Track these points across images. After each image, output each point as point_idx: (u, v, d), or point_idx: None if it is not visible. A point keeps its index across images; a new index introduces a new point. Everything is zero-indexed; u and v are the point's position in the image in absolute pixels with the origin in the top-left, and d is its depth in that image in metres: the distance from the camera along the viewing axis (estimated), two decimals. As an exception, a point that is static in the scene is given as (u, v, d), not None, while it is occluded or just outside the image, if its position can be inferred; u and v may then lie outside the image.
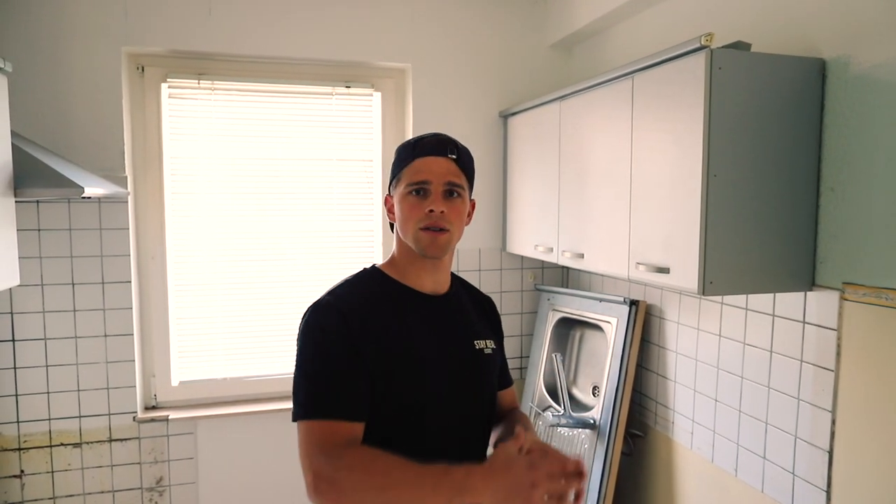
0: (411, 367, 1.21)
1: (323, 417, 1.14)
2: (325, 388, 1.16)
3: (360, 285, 1.29)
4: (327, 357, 1.18)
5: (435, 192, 1.22)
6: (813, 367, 1.62)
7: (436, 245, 1.23)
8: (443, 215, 1.22)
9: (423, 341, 1.24)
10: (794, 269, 1.59)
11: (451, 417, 1.25)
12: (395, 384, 1.19)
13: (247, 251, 2.70)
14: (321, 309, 1.23)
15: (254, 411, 2.65)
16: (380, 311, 1.23)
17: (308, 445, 1.12)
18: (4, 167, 1.73)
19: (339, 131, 2.74)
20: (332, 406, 1.14)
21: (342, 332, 1.18)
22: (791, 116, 1.55)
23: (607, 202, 1.95)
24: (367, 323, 1.20)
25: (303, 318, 1.25)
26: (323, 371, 1.17)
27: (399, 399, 1.20)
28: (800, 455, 1.67)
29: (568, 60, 2.87)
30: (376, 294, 1.26)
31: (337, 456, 1.09)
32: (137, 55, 2.51)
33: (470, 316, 1.36)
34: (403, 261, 1.30)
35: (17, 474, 2.42)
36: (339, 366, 1.16)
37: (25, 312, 2.38)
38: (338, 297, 1.25)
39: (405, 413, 1.21)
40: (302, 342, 1.23)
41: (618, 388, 2.29)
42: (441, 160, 1.24)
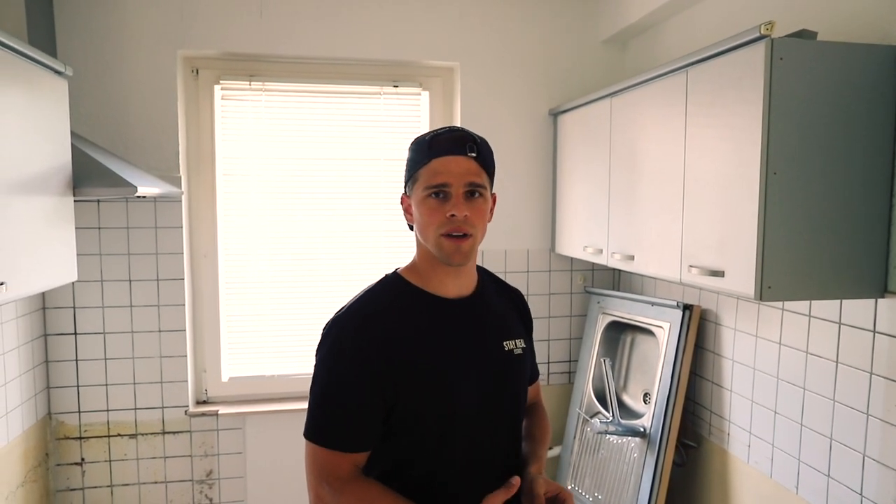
0: (430, 378, 1.16)
1: (326, 446, 1.15)
2: (331, 418, 1.16)
3: (380, 296, 1.23)
4: (337, 382, 1.15)
5: (456, 195, 1.15)
6: (884, 381, 1.50)
7: (460, 253, 1.17)
8: (466, 219, 1.15)
9: (447, 354, 1.19)
10: (863, 275, 1.47)
11: (479, 428, 1.21)
12: (417, 402, 1.16)
13: (296, 250, 2.73)
14: (338, 326, 1.19)
15: (301, 409, 2.65)
16: (400, 325, 1.18)
17: (312, 468, 1.17)
18: (64, 168, 1.80)
19: (387, 131, 2.74)
20: (336, 438, 1.15)
21: (356, 355, 1.14)
22: (862, 110, 1.44)
23: (659, 202, 1.87)
24: (385, 342, 1.15)
25: (323, 331, 1.21)
26: (332, 399, 1.16)
27: (423, 414, 1.17)
28: (868, 475, 1.55)
29: (621, 56, 2.78)
30: (396, 305, 1.21)
31: (339, 490, 1.14)
32: (192, 58, 2.58)
33: (498, 315, 1.31)
34: (424, 265, 1.24)
35: (79, 462, 2.52)
36: (348, 394, 1.14)
37: (86, 307, 2.47)
38: (355, 312, 1.20)
39: (431, 427, 1.17)
40: (318, 360, 1.20)
41: (670, 395, 2.20)
42: (460, 159, 1.16)
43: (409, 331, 1.17)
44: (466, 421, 1.19)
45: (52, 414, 2.49)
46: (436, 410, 1.17)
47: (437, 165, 1.16)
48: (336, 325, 1.19)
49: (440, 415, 1.17)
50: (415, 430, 1.17)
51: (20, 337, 2.26)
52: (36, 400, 2.37)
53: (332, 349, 1.17)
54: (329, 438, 1.15)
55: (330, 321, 1.21)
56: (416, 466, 1.19)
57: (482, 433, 1.21)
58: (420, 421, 1.17)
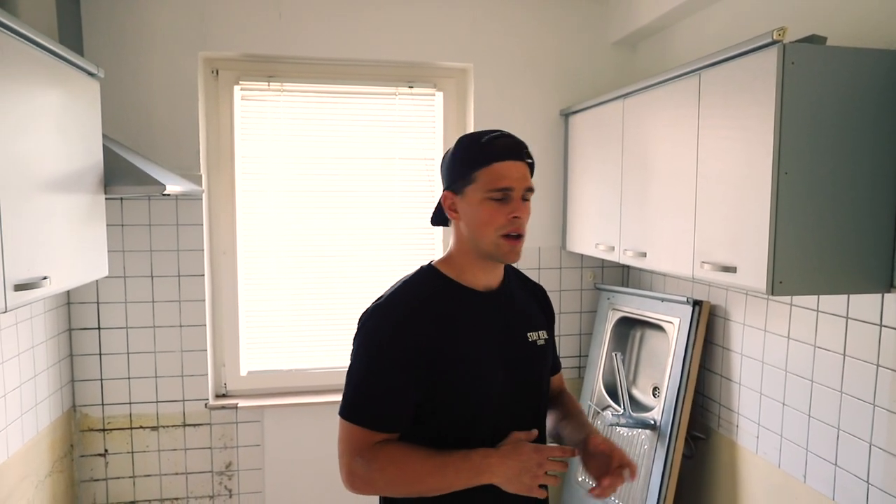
0: (462, 368, 1.23)
1: (362, 425, 1.22)
2: (368, 399, 1.23)
3: (415, 287, 1.30)
4: (376, 369, 1.23)
5: (516, 199, 1.23)
6: (891, 372, 1.56)
7: (515, 252, 1.25)
8: (522, 221, 1.24)
9: (478, 343, 1.26)
10: (870, 270, 1.53)
11: (505, 415, 1.28)
12: (450, 389, 1.22)
13: (312, 247, 2.79)
14: (377, 316, 1.26)
15: (317, 402, 2.74)
16: (435, 315, 1.24)
17: (346, 444, 1.23)
18: (96, 167, 1.86)
19: (401, 130, 2.80)
20: (372, 418, 1.22)
21: (395, 343, 1.22)
22: (870, 112, 1.50)
23: (671, 200, 1.93)
24: (422, 331, 1.22)
25: (361, 318, 1.29)
26: (370, 382, 1.23)
27: (455, 401, 1.23)
28: (875, 463, 1.61)
29: (631, 58, 2.84)
30: (432, 296, 1.27)
31: (371, 458, 1.21)
32: (212, 59, 2.64)
33: (521, 307, 1.38)
34: (463, 260, 1.30)
35: (102, 453, 2.58)
36: (385, 380, 1.22)
37: (109, 302, 2.54)
38: (393, 301, 1.27)
39: (462, 413, 1.24)
40: (356, 346, 1.27)
41: (679, 389, 2.26)
42: (520, 165, 1.24)
43: (444, 320, 1.24)
44: (494, 408, 1.25)
45: (76, 406, 2.55)
46: (467, 398, 1.23)
47: (500, 170, 1.21)
48: (376, 313, 1.26)
49: (471, 402, 1.23)
50: (446, 416, 1.24)
51: (47, 331, 2.32)
52: (62, 392, 2.43)
53: (371, 336, 1.25)
54: (365, 418, 1.22)
55: (369, 309, 1.28)
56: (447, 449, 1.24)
57: (508, 420, 1.28)
58: (452, 408, 1.23)
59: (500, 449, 1.20)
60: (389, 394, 1.22)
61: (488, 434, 1.25)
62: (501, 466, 1.18)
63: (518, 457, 1.18)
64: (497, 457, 1.18)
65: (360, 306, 2.98)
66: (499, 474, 1.18)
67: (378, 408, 1.23)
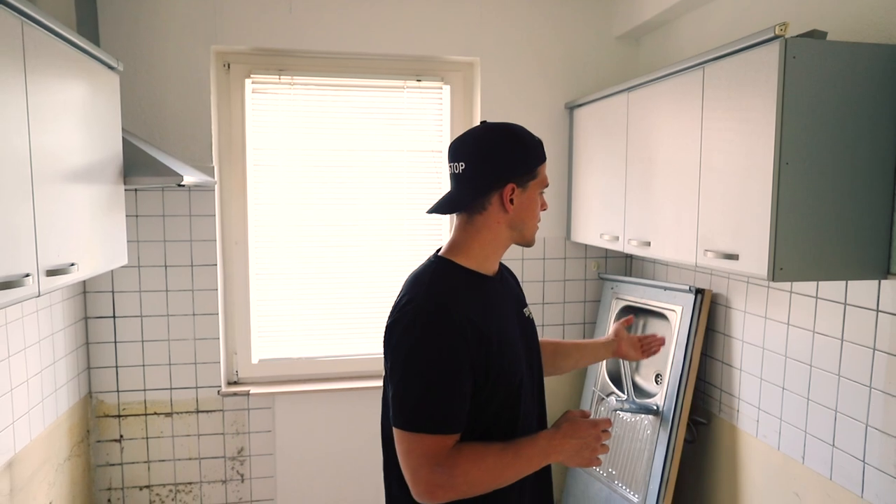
0: (506, 346, 1.27)
1: (433, 432, 1.19)
2: (434, 404, 1.19)
3: (444, 281, 1.28)
4: (436, 372, 1.19)
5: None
6: (886, 356, 1.62)
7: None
8: None
9: (504, 325, 1.31)
10: (868, 258, 1.59)
11: (529, 390, 1.35)
12: (499, 374, 1.25)
13: (322, 237, 2.85)
14: (423, 318, 1.21)
15: (327, 389, 2.80)
16: (471, 305, 1.24)
17: (419, 457, 1.19)
18: (116, 158, 1.91)
19: (409, 123, 2.86)
20: (441, 423, 1.19)
21: (449, 342, 1.19)
22: (868, 105, 1.55)
23: (675, 191, 1.99)
24: (468, 323, 1.20)
25: (399, 322, 1.23)
26: (432, 386, 1.19)
27: (502, 385, 1.26)
28: (871, 443, 1.67)
29: (635, 51, 2.89)
30: (462, 288, 1.27)
31: (452, 465, 1.19)
32: (224, 53, 2.68)
33: (512, 287, 1.47)
34: (489, 249, 1.32)
35: (117, 438, 2.65)
36: (447, 381, 1.19)
37: (124, 291, 2.59)
38: (435, 302, 1.23)
39: (506, 396, 1.28)
40: (406, 352, 1.21)
41: (682, 375, 2.32)
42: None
43: (479, 308, 1.25)
44: (522, 385, 1.32)
45: (92, 393, 2.61)
46: (509, 380, 1.28)
47: (545, 168, 1.37)
48: (418, 315, 1.21)
49: (511, 383, 1.29)
50: (495, 401, 1.26)
51: (65, 319, 2.38)
52: (78, 379, 2.49)
53: (422, 339, 1.20)
54: (435, 424, 1.19)
55: (408, 313, 1.22)
56: (495, 432, 1.27)
57: (530, 394, 1.35)
58: (499, 392, 1.26)
59: (561, 429, 1.28)
60: (451, 393, 1.20)
61: (521, 414, 1.31)
62: (566, 445, 1.26)
63: (579, 433, 1.27)
64: (560, 437, 1.27)
65: (368, 295, 3.08)
66: (564, 452, 1.27)
67: (446, 411, 1.20)
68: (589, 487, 2.68)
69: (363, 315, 2.91)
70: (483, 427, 1.27)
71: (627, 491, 2.45)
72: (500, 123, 1.34)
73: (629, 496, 2.43)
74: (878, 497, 1.64)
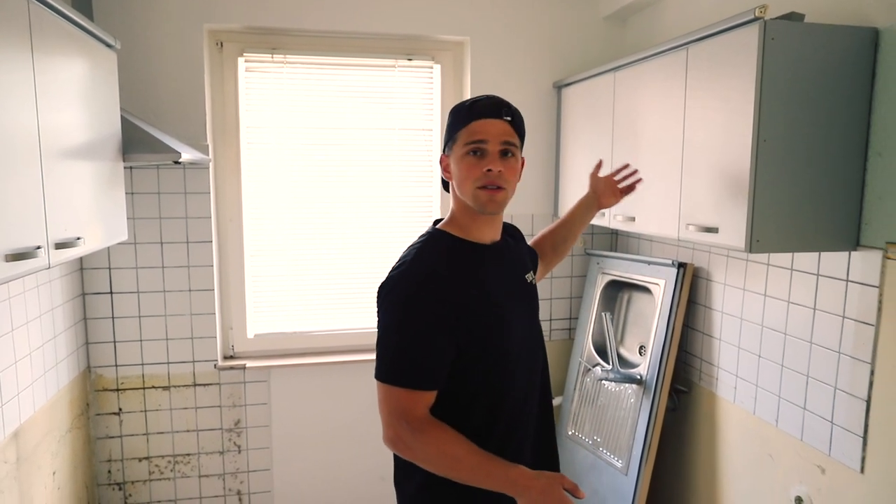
0: (491, 315, 1.34)
1: (405, 386, 1.28)
2: (406, 360, 1.28)
3: (433, 250, 1.36)
4: (408, 329, 1.28)
5: (492, 153, 1.32)
6: (854, 323, 1.72)
7: (494, 202, 1.34)
8: (500, 174, 1.32)
9: (498, 291, 1.38)
10: (839, 230, 1.69)
11: (526, 355, 1.42)
12: (484, 339, 1.32)
13: (315, 214, 2.90)
14: (402, 281, 1.30)
15: (321, 363, 2.87)
16: (457, 272, 1.32)
17: (391, 409, 1.29)
18: (115, 135, 1.95)
19: (401, 102, 2.90)
20: (414, 377, 1.28)
21: (423, 302, 1.27)
22: (842, 85, 1.63)
23: (659, 167, 2.06)
24: (448, 286, 1.29)
25: (386, 286, 1.32)
26: (404, 343, 1.28)
27: (489, 350, 1.33)
28: (839, 405, 1.78)
29: (622, 32, 2.95)
30: (449, 255, 1.36)
31: (419, 429, 1.27)
32: (217, 31, 2.70)
33: (515, 252, 1.53)
34: (464, 218, 1.40)
35: (116, 412, 2.71)
36: (419, 338, 1.27)
37: (121, 268, 2.64)
38: (418, 265, 1.32)
39: (495, 361, 1.34)
40: (384, 312, 1.31)
41: (664, 346, 2.42)
42: (497, 122, 1.32)
43: (464, 274, 1.33)
44: (521, 350, 1.38)
45: (91, 367, 2.66)
46: (499, 345, 1.34)
47: (475, 126, 1.32)
48: (402, 278, 1.31)
49: (502, 349, 1.34)
50: (484, 365, 1.33)
51: (64, 294, 2.42)
52: (77, 354, 2.54)
53: (399, 299, 1.29)
54: (406, 379, 1.28)
55: (394, 277, 1.32)
56: (482, 399, 1.34)
57: (530, 358, 1.42)
58: (489, 356, 1.33)
59: (540, 480, 1.25)
60: (425, 351, 1.27)
61: (517, 380, 1.38)
62: (533, 493, 1.23)
63: (550, 496, 1.23)
64: (530, 485, 1.24)
65: (360, 271, 3.16)
66: (526, 498, 1.24)
67: (416, 367, 1.28)
68: (575, 454, 2.79)
69: (356, 290, 2.98)
70: (470, 393, 1.33)
71: (612, 457, 2.56)
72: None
73: (613, 462, 2.54)
74: (845, 454, 1.76)
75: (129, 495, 2.76)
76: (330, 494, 2.97)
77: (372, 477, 2.98)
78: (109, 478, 2.74)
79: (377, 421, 1.34)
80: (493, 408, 1.36)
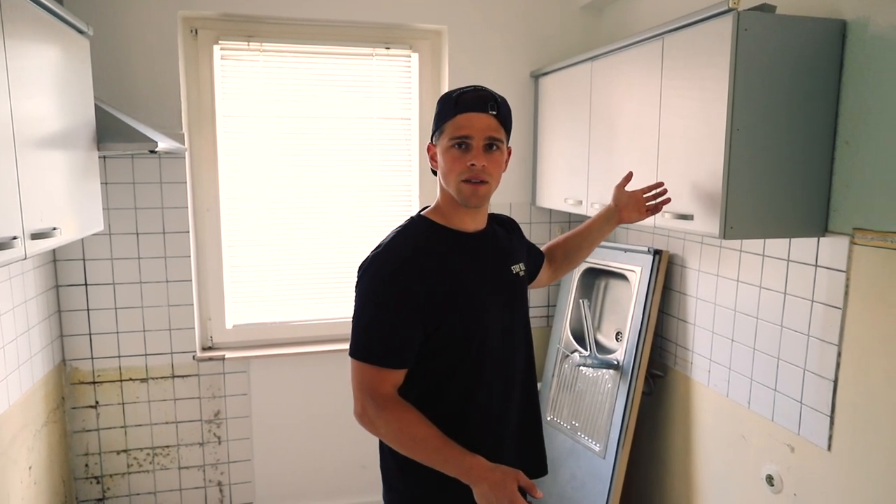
0: (466, 301, 1.36)
1: (372, 363, 1.33)
2: (375, 338, 1.33)
3: (410, 234, 1.40)
4: (380, 309, 1.32)
5: (476, 147, 1.33)
6: (823, 306, 1.78)
7: (476, 196, 1.36)
8: (484, 169, 1.34)
9: (475, 279, 1.40)
10: (809, 217, 1.74)
11: (504, 344, 1.43)
12: (455, 324, 1.34)
13: (293, 204, 2.89)
14: (377, 262, 1.34)
15: (300, 352, 2.87)
16: (433, 257, 1.36)
17: (359, 383, 1.34)
18: (89, 124, 1.92)
19: (379, 91, 2.89)
20: (380, 355, 1.33)
21: (396, 283, 1.31)
22: (812, 75, 1.68)
23: (636, 156, 2.10)
24: (420, 270, 1.32)
25: (362, 266, 1.37)
26: (375, 322, 1.32)
27: (461, 336, 1.35)
28: (807, 385, 1.84)
29: (598, 22, 2.98)
30: (427, 240, 1.39)
31: (381, 406, 1.32)
32: (191, 19, 2.66)
33: (503, 243, 1.54)
34: (447, 207, 1.42)
35: (93, 405, 2.68)
36: (389, 318, 1.31)
37: (96, 259, 2.60)
38: (393, 248, 1.36)
39: (468, 347, 1.36)
40: (359, 292, 1.36)
41: (640, 331, 2.47)
42: (482, 116, 1.34)
43: (440, 259, 1.36)
44: (495, 339, 1.40)
45: (66, 360, 2.63)
46: (471, 331, 1.36)
47: (461, 120, 1.33)
48: (376, 260, 1.35)
49: (475, 335, 1.37)
50: (453, 351, 1.35)
51: (37, 287, 2.38)
52: (52, 347, 2.51)
53: (372, 279, 1.33)
54: (373, 356, 1.32)
55: (369, 258, 1.37)
56: (454, 385, 1.37)
57: (506, 348, 1.44)
58: (458, 342, 1.35)
59: (495, 473, 1.25)
60: (394, 331, 1.31)
61: (491, 367, 1.40)
62: (481, 486, 1.24)
63: (501, 491, 1.22)
64: (483, 475, 1.24)
65: (339, 261, 3.16)
66: (476, 487, 1.25)
67: (385, 345, 1.32)
68: (554, 439, 2.83)
69: (334, 279, 2.97)
70: (443, 377, 1.36)
71: (589, 441, 2.61)
72: None
73: (591, 445, 2.59)
74: (813, 433, 1.82)
75: (108, 489, 2.74)
76: (311, 483, 2.98)
77: (353, 465, 3.00)
78: (87, 471, 2.71)
79: (357, 409, 1.36)
80: (466, 395, 1.38)
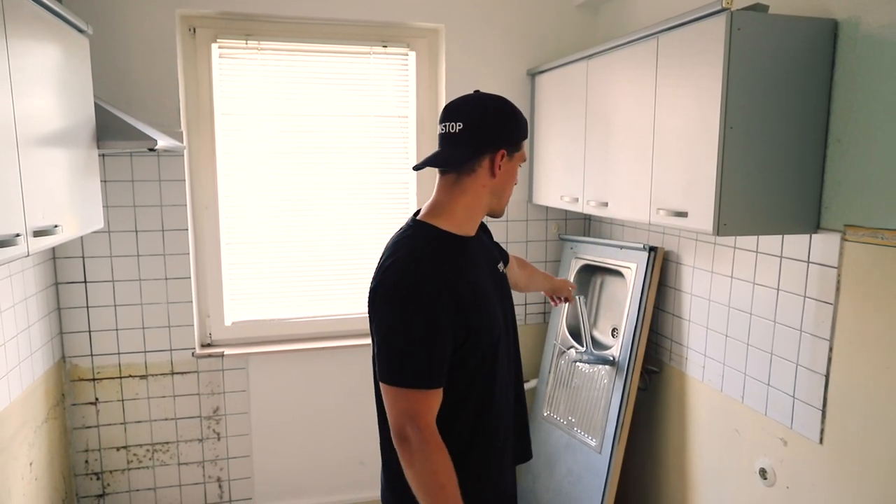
0: (485, 308, 1.37)
1: (413, 387, 1.28)
2: (415, 361, 1.27)
3: (428, 245, 1.35)
4: (415, 329, 1.27)
5: None
6: (815, 302, 1.80)
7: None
8: None
9: (483, 284, 1.42)
10: (801, 213, 1.76)
11: (507, 344, 1.47)
12: (480, 332, 1.35)
13: (291, 202, 2.90)
14: (406, 281, 1.29)
15: (299, 349, 2.89)
16: (452, 266, 1.33)
17: (403, 411, 1.28)
18: (89, 122, 1.93)
19: (376, 89, 2.91)
20: (421, 377, 1.28)
21: (426, 301, 1.27)
22: (803, 74, 1.70)
23: (631, 154, 2.12)
24: (446, 282, 1.29)
25: (385, 284, 1.32)
26: (413, 344, 1.27)
27: (484, 342, 1.36)
28: (800, 380, 1.87)
29: (594, 20, 3.00)
30: (444, 250, 1.35)
31: (425, 439, 1.27)
32: (190, 17, 2.67)
33: (487, 243, 1.59)
34: (469, 213, 1.40)
35: (93, 401, 2.69)
36: (427, 338, 1.27)
37: (95, 257, 2.61)
38: (418, 262, 1.31)
39: (487, 353, 1.38)
40: (390, 312, 1.30)
41: (636, 328, 2.50)
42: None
43: (459, 269, 1.34)
44: (502, 341, 1.43)
45: (66, 357, 2.64)
46: (489, 337, 1.38)
47: (526, 146, 1.47)
48: (400, 279, 1.30)
49: (492, 340, 1.38)
50: (474, 357, 1.35)
51: (37, 284, 2.39)
52: (52, 344, 2.52)
53: (404, 300, 1.29)
54: (418, 380, 1.28)
55: (391, 277, 1.31)
56: (473, 396, 1.38)
57: (508, 347, 1.47)
58: (480, 349, 1.36)
59: None
60: (431, 351, 1.27)
61: (502, 371, 1.43)
62: None
63: None
64: None
65: (337, 258, 3.18)
66: None
67: (423, 367, 1.28)
68: (550, 435, 2.86)
69: (332, 277, 2.99)
70: (463, 385, 1.36)
71: (586, 436, 2.64)
72: (495, 95, 1.42)
73: (587, 441, 2.62)
74: (805, 427, 1.85)
75: (108, 484, 2.75)
76: (310, 480, 3.00)
77: (351, 462, 3.02)
78: (87, 468, 2.73)
79: (356, 406, 1.37)
80: (484, 404, 1.40)
